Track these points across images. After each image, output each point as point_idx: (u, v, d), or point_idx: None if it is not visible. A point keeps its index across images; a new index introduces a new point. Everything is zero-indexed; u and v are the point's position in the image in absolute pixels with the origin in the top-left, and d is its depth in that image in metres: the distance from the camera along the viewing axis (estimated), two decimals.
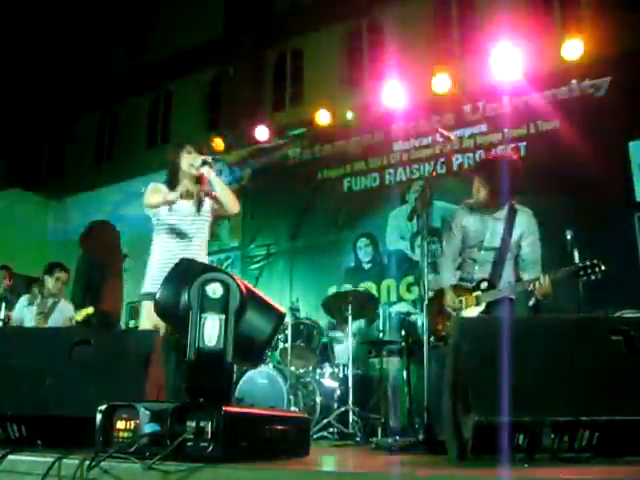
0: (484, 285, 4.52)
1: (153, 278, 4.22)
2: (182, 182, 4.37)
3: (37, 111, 14.12)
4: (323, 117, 8.95)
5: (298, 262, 6.68)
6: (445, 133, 4.77)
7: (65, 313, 6.58)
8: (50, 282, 6.57)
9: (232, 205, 4.42)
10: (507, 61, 7.51)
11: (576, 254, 5.24)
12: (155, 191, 4.39)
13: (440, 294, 4.62)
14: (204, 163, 4.27)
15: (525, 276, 4.51)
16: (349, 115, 8.95)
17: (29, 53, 13.23)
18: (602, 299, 5.40)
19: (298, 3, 11.17)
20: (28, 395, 2.61)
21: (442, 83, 7.94)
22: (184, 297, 2.10)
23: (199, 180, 4.39)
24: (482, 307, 4.49)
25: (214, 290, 2.09)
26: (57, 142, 14.60)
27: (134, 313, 7.14)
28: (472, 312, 4.47)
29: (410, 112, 8.53)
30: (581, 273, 4.26)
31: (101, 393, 2.40)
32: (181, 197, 4.14)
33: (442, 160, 6.98)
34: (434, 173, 4.85)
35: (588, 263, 4.25)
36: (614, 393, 2.28)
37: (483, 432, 2.21)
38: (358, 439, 5.38)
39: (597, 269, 4.23)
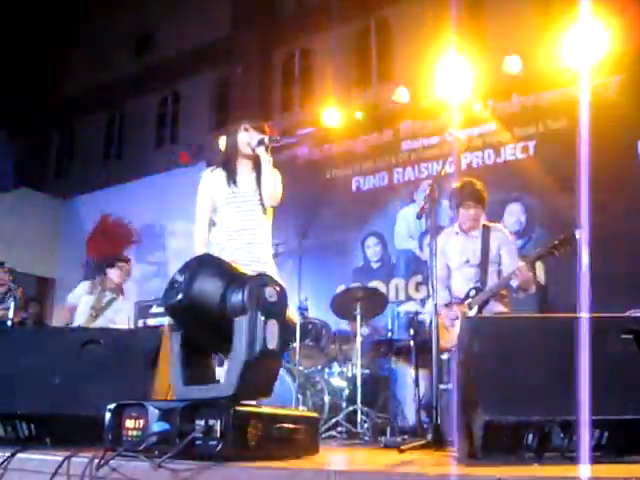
0: (472, 292, 4.78)
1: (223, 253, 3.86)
2: (239, 163, 4.07)
3: (45, 111, 14.18)
4: (331, 116, 8.94)
5: (306, 261, 6.66)
6: (455, 133, 4.77)
7: (119, 313, 6.41)
8: (113, 273, 6.45)
9: (271, 198, 4.03)
10: (516, 59, 7.49)
11: (585, 253, 5.21)
12: (201, 207, 4.08)
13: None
14: (260, 143, 3.95)
15: None
16: (357, 114, 8.94)
17: (38, 52, 13.27)
18: (612, 298, 5.38)
19: (306, 2, 11.16)
20: (37, 394, 2.62)
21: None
22: (235, 296, 2.06)
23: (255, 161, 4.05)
24: (474, 311, 4.67)
25: (271, 294, 2.09)
26: (65, 142, 14.65)
27: (145, 312, 7.14)
28: None
29: (418, 111, 8.51)
30: (555, 251, 4.46)
31: (110, 392, 2.41)
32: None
33: (450, 159, 6.93)
34: (442, 172, 4.81)
35: (562, 237, 4.45)
36: (624, 392, 2.26)
37: (493, 431, 2.21)
38: (367, 438, 5.38)
39: (571, 242, 4.45)
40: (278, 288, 2.12)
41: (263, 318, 2.04)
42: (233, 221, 3.98)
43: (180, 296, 2.06)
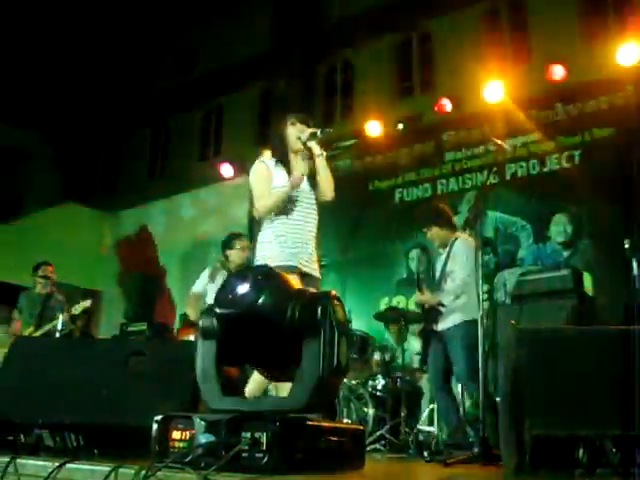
0: None
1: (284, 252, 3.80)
2: (292, 159, 3.99)
3: (92, 127, 14.45)
4: (373, 128, 8.93)
5: (350, 274, 6.65)
6: (499, 142, 4.73)
7: None
8: (234, 254, 5.99)
9: (329, 190, 4.06)
10: (559, 67, 7.39)
11: (635, 264, 5.11)
12: (265, 181, 3.95)
13: None
14: (313, 135, 3.88)
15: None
16: (399, 126, 8.90)
17: (85, 72, 13.55)
18: None
19: (346, 15, 11.19)
20: (85, 405, 2.65)
21: (494, 92, 7.84)
22: (306, 313, 2.07)
23: (308, 154, 3.97)
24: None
25: (339, 312, 2.10)
26: (111, 157, 14.90)
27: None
28: None
29: (461, 121, 8.45)
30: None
31: (156, 403, 2.42)
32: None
33: (495, 169, 6.89)
34: (487, 183, 4.79)
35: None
36: None
37: (542, 445, 2.16)
38: (411, 451, 5.33)
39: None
40: (342, 305, 2.13)
41: (336, 335, 2.05)
42: (293, 215, 3.90)
43: (241, 307, 2.05)
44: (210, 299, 6.03)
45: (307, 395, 2.01)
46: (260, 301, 2.07)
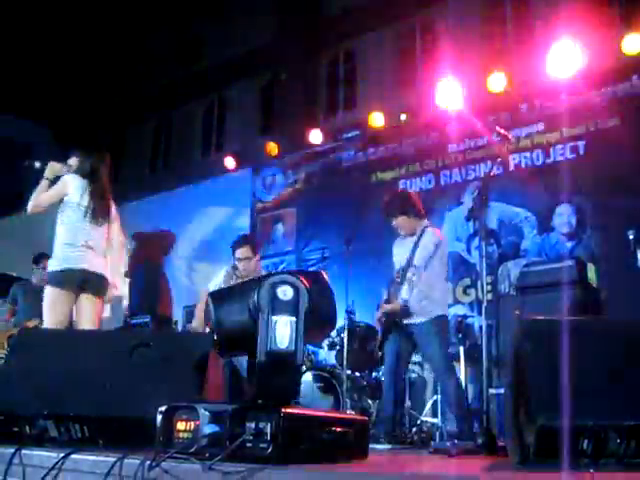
0: None
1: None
2: None
3: (93, 120, 14.43)
4: (377, 119, 8.91)
5: (353, 265, 6.62)
6: (503, 132, 4.71)
7: None
8: (240, 265, 5.93)
9: None
10: (564, 58, 7.35)
11: (639, 255, 5.11)
12: None
13: None
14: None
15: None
16: (402, 117, 8.89)
17: (87, 64, 13.52)
18: None
19: (348, 5, 11.15)
20: (89, 396, 2.66)
21: (498, 82, 7.82)
22: (253, 299, 2.09)
23: None
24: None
25: (284, 292, 2.08)
26: (113, 151, 14.86)
27: (190, 316, 7.22)
28: None
29: (465, 112, 8.43)
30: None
31: (160, 394, 2.43)
32: None
33: (498, 160, 6.86)
34: (491, 174, 4.78)
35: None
36: None
37: (546, 436, 2.16)
38: (415, 442, 5.34)
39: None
40: (295, 285, 2.11)
41: (273, 317, 2.04)
42: None
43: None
44: None
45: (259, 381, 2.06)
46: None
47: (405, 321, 5.15)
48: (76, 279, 4.85)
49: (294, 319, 2.06)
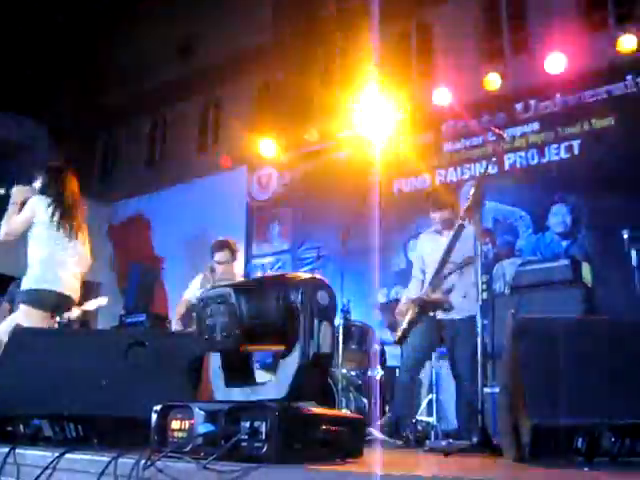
0: None
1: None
2: None
3: (88, 119, 14.39)
4: (372, 118, 8.90)
5: (348, 264, 6.63)
6: (497, 131, 4.71)
7: None
8: (217, 267, 6.01)
9: None
10: (559, 57, 7.37)
11: (634, 254, 5.12)
12: None
13: None
14: None
15: None
16: (398, 116, 8.88)
17: (83, 61, 13.49)
18: None
19: (344, 6, 11.13)
20: (84, 395, 2.65)
21: (493, 81, 7.83)
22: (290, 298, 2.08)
23: None
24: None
25: (322, 297, 2.09)
26: (108, 148, 14.85)
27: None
28: None
29: (460, 112, 8.44)
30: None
31: (155, 394, 2.43)
32: None
33: (493, 160, 6.87)
34: (486, 173, 4.78)
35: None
36: None
37: (541, 435, 2.16)
38: (410, 442, 5.34)
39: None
40: (332, 291, 2.13)
41: (317, 321, 2.04)
42: None
43: None
44: None
45: (288, 383, 2.02)
46: None
47: (440, 316, 5.08)
48: (51, 302, 4.86)
49: (330, 324, 2.09)
